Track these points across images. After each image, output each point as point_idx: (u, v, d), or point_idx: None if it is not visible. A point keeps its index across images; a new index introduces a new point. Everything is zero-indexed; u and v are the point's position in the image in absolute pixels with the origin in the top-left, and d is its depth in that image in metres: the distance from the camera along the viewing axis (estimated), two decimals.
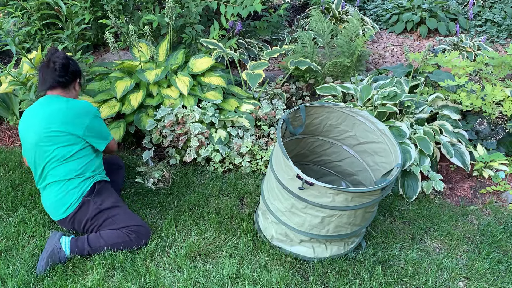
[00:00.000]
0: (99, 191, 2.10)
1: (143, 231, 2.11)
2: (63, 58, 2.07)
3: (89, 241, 2.04)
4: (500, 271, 2.08)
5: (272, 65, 3.74)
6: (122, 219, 2.09)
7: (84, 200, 2.05)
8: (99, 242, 2.04)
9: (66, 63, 2.07)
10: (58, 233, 2.06)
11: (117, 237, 2.05)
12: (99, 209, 2.07)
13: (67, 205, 2.05)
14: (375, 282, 1.97)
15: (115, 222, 2.08)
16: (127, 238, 2.06)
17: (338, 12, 4.39)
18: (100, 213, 2.07)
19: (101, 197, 2.09)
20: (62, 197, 2.04)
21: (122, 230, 2.06)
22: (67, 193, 2.04)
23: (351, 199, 1.82)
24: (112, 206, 2.10)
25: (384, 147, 2.16)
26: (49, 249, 1.99)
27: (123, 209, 2.13)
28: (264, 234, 2.17)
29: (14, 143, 3.10)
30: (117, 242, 2.05)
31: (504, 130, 2.92)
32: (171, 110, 2.75)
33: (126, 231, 2.07)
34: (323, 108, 2.27)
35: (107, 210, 2.08)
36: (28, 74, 2.82)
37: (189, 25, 3.27)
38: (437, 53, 3.53)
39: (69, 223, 2.10)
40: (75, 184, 2.05)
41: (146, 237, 2.13)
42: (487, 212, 2.51)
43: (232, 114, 2.86)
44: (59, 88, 2.09)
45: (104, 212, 2.07)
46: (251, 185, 2.62)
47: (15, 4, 3.18)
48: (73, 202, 2.04)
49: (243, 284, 1.93)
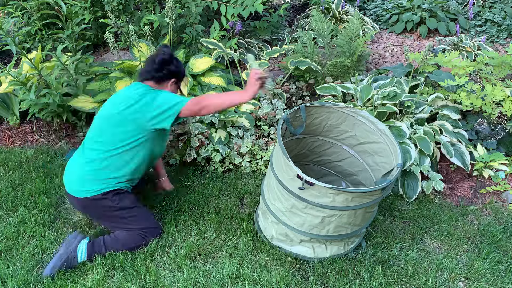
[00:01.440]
0: (119, 194, 2.04)
1: (156, 232, 2.14)
2: (166, 54, 2.07)
3: (106, 244, 2.03)
4: (500, 271, 2.08)
5: (272, 65, 3.75)
6: (138, 220, 2.07)
7: (101, 196, 1.99)
8: (117, 245, 2.04)
9: (167, 59, 2.07)
10: (77, 239, 2.02)
11: (133, 240, 2.06)
12: (116, 208, 2.02)
13: (84, 189, 1.99)
14: (375, 282, 1.97)
15: (132, 222, 2.06)
16: (143, 241, 2.08)
17: (338, 12, 4.39)
18: (117, 211, 2.03)
19: (120, 197, 2.03)
20: (83, 174, 1.99)
21: (137, 232, 2.06)
22: (90, 175, 1.98)
23: (352, 199, 1.82)
24: (130, 206, 2.06)
25: (384, 147, 2.16)
26: (64, 256, 1.95)
27: (141, 210, 2.11)
28: (264, 234, 2.17)
29: (14, 143, 3.10)
30: (134, 245, 2.06)
31: (504, 130, 2.92)
32: None
33: (142, 233, 2.07)
34: (323, 108, 2.27)
35: (125, 210, 2.04)
36: (28, 74, 2.82)
37: (189, 25, 3.27)
38: (437, 53, 3.53)
39: (79, 206, 2.05)
40: (101, 175, 1.99)
41: (158, 235, 2.16)
42: (487, 212, 2.51)
43: (232, 114, 2.86)
44: (151, 81, 2.09)
45: (121, 212, 2.03)
46: (251, 185, 2.62)
47: (15, 4, 3.18)
48: (91, 191, 1.98)
49: (243, 284, 1.93)
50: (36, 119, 3.25)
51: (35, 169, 2.73)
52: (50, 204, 2.41)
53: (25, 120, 3.30)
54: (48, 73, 2.93)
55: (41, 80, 2.86)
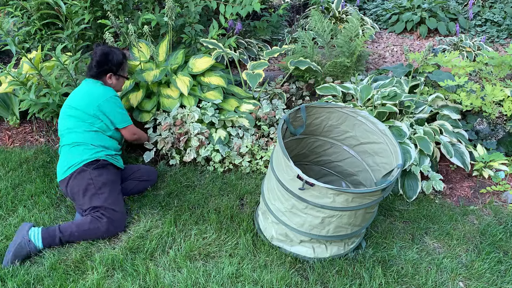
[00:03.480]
0: (101, 166, 2.25)
1: (116, 217, 2.17)
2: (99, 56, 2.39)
3: (61, 228, 2.10)
4: (500, 271, 2.08)
5: (272, 65, 3.74)
6: (103, 198, 2.18)
7: (82, 168, 2.20)
8: (70, 227, 2.10)
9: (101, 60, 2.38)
10: (28, 225, 2.10)
11: (89, 222, 2.12)
12: (91, 180, 2.19)
13: (68, 166, 2.22)
14: (375, 282, 1.98)
15: (97, 199, 2.18)
16: (98, 224, 2.11)
17: (338, 12, 4.39)
18: (91, 184, 2.18)
19: (99, 171, 2.23)
20: (65, 158, 2.25)
21: (93, 214, 2.14)
22: (71, 156, 2.24)
23: (352, 200, 1.82)
24: (104, 182, 2.21)
25: (384, 148, 2.16)
26: (17, 241, 2.03)
27: (112, 191, 2.23)
28: (264, 234, 2.17)
29: (14, 143, 3.09)
30: (88, 228, 2.11)
31: (504, 130, 2.92)
32: (168, 114, 2.76)
33: (98, 214, 2.14)
34: (323, 109, 2.27)
35: (101, 184, 2.20)
36: (28, 74, 2.82)
37: (188, 25, 3.27)
38: (437, 53, 3.53)
39: (66, 188, 2.23)
40: (79, 150, 2.24)
41: (119, 224, 2.19)
42: (487, 212, 2.51)
43: (232, 114, 2.86)
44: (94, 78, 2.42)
45: (94, 184, 2.19)
46: (251, 185, 2.62)
47: (15, 4, 3.18)
48: (74, 165, 2.21)
49: (243, 284, 1.93)
50: (36, 119, 3.25)
51: (35, 169, 2.73)
52: (50, 204, 2.41)
53: (25, 120, 3.30)
54: (48, 73, 2.93)
55: (41, 80, 2.86)
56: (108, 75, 2.43)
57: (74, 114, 2.30)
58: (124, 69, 2.52)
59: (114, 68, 2.43)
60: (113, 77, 2.46)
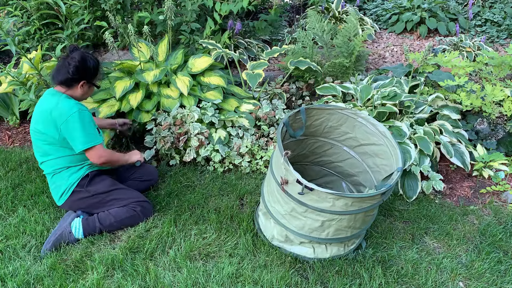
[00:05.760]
0: (91, 178, 2.21)
1: (147, 206, 2.29)
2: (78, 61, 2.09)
3: (99, 218, 2.18)
4: (500, 271, 2.09)
5: (272, 65, 3.74)
6: (124, 196, 2.24)
7: (75, 191, 2.17)
8: (109, 219, 2.18)
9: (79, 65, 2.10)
10: (70, 216, 2.19)
11: (125, 212, 2.20)
12: (92, 195, 2.19)
13: (60, 195, 2.19)
14: (375, 282, 1.98)
15: (119, 200, 2.22)
16: (134, 213, 2.22)
17: (338, 12, 4.39)
18: (95, 198, 2.19)
19: (95, 186, 2.20)
20: (54, 187, 2.21)
21: (128, 206, 2.22)
22: (57, 185, 2.19)
23: (351, 204, 1.81)
24: (109, 190, 2.22)
25: (384, 149, 2.16)
26: (58, 232, 2.11)
27: (122, 189, 2.27)
28: (264, 234, 2.17)
29: (14, 143, 3.09)
30: (126, 217, 2.20)
31: (504, 130, 2.92)
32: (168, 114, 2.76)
33: (132, 205, 2.22)
34: (323, 110, 2.27)
35: (105, 194, 2.21)
36: (27, 74, 2.82)
37: (185, 24, 3.27)
38: (437, 53, 3.53)
39: (71, 208, 2.25)
40: (63, 176, 2.18)
41: (150, 211, 2.31)
42: (487, 212, 2.51)
43: (232, 114, 2.86)
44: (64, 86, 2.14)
45: (99, 197, 2.20)
46: (251, 185, 2.62)
47: (15, 4, 3.18)
48: (65, 192, 2.18)
49: (243, 284, 1.93)
50: None
51: (35, 169, 2.73)
52: (50, 204, 2.41)
53: (25, 120, 3.30)
54: (48, 73, 2.93)
55: (41, 80, 2.86)
56: (82, 82, 2.13)
57: (42, 138, 2.11)
58: (99, 77, 2.25)
59: (90, 76, 2.16)
60: (86, 85, 2.16)
